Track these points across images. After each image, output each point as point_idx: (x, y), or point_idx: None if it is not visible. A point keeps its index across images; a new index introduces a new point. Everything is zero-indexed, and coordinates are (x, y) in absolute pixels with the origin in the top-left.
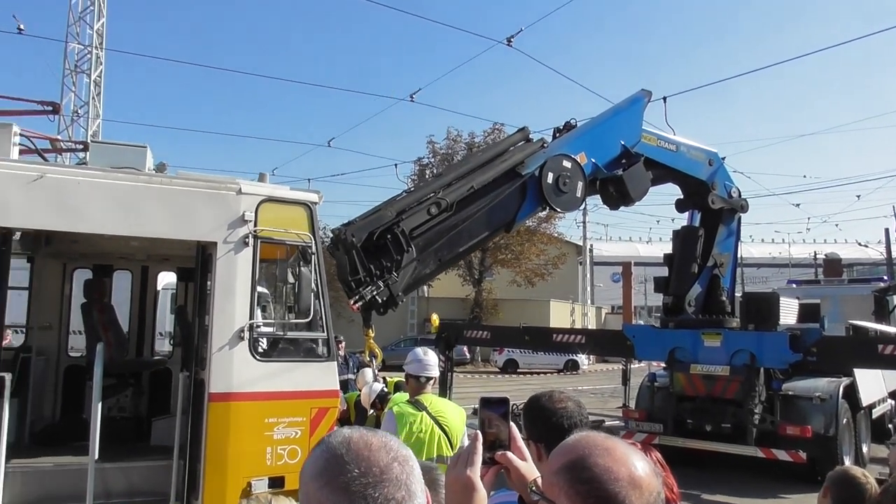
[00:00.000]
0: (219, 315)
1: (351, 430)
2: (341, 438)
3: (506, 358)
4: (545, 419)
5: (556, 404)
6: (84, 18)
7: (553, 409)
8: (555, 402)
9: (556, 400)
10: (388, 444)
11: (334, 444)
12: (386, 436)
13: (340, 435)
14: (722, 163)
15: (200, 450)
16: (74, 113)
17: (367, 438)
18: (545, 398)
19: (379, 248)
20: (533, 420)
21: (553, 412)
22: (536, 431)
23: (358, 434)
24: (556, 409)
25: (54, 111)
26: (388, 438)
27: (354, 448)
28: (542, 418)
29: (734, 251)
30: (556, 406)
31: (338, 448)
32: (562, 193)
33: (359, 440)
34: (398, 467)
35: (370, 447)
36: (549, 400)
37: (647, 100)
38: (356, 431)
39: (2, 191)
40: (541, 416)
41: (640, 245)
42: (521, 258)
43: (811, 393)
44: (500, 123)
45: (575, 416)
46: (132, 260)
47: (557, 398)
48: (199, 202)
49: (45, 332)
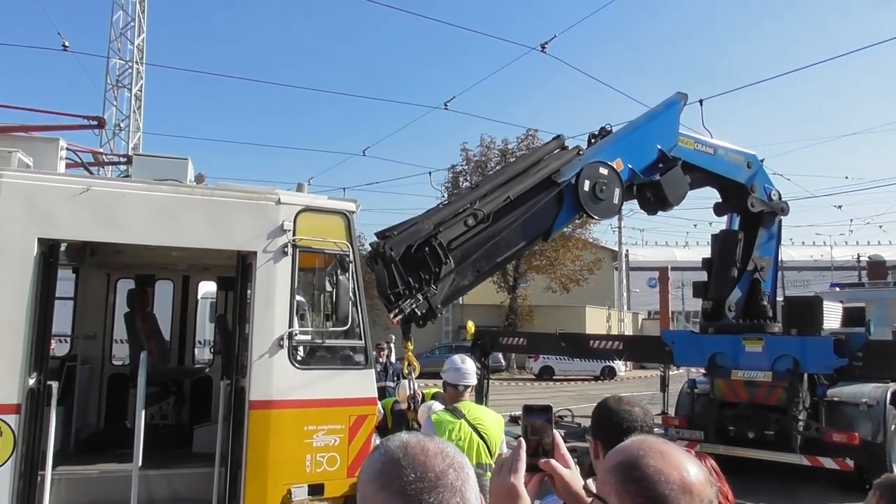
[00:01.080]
0: (259, 323)
1: (409, 434)
2: (399, 443)
3: (542, 365)
4: (608, 419)
5: (622, 406)
6: (125, 34)
7: (618, 410)
8: (622, 404)
9: (623, 402)
10: (444, 451)
11: (392, 448)
12: (443, 442)
13: (398, 439)
14: (761, 165)
15: (241, 457)
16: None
17: (424, 444)
18: (613, 399)
19: (417, 261)
20: (598, 418)
21: (617, 413)
22: (599, 429)
23: (416, 439)
24: (620, 411)
25: (100, 125)
26: (444, 445)
27: (411, 453)
28: (605, 417)
29: (775, 255)
30: (622, 408)
31: (395, 452)
32: (599, 201)
33: (416, 445)
34: (453, 473)
35: (427, 452)
36: (617, 402)
37: (683, 103)
38: (414, 436)
39: (50, 204)
40: (605, 416)
41: (677, 250)
42: (556, 264)
43: (857, 399)
44: (534, 130)
45: (638, 421)
46: (174, 270)
47: (625, 401)
48: (240, 212)
49: (89, 342)
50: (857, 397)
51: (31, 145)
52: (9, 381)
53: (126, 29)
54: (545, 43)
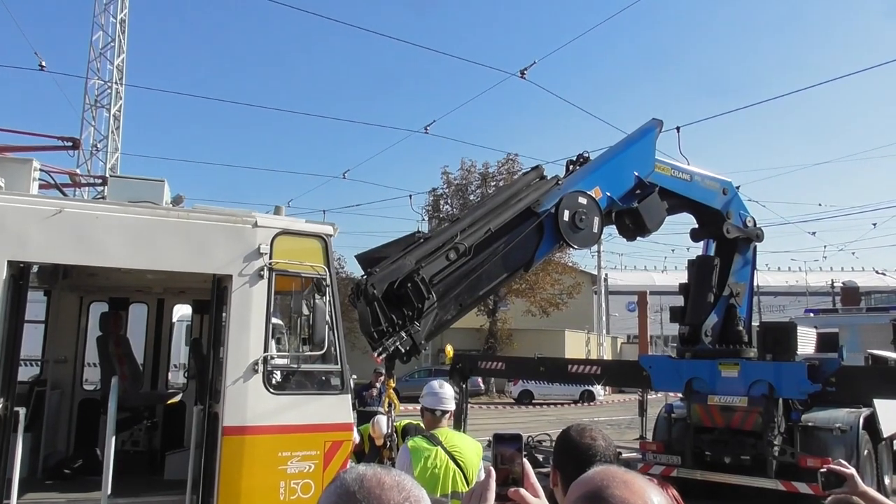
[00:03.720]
0: (233, 347)
1: (366, 467)
2: (355, 475)
3: (521, 389)
4: (569, 448)
5: (583, 437)
6: (104, 54)
7: (578, 442)
8: (584, 435)
9: (585, 433)
10: (400, 484)
11: (348, 480)
12: (400, 475)
13: (355, 472)
14: (736, 192)
15: (214, 484)
16: (94, 147)
17: (380, 477)
18: (575, 429)
19: (400, 298)
20: (559, 448)
21: (577, 445)
22: (559, 459)
23: (372, 472)
24: (581, 443)
25: (74, 146)
26: (401, 478)
27: (367, 486)
28: (566, 447)
29: (750, 280)
30: (583, 439)
31: (351, 485)
32: (578, 230)
33: (372, 478)
34: None
35: (382, 486)
36: (579, 432)
37: (658, 129)
38: (370, 469)
39: (21, 226)
40: (566, 445)
41: (656, 274)
42: (535, 288)
43: (831, 424)
44: (514, 154)
45: (599, 452)
46: (149, 293)
47: (588, 432)
48: (216, 235)
49: (60, 366)
50: (830, 422)
51: (3, 166)
52: None
53: (105, 49)
54: (525, 69)
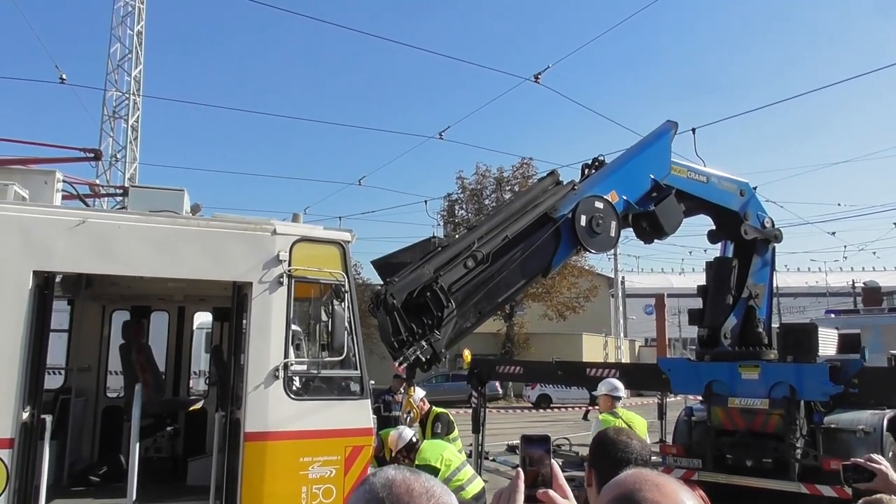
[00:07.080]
0: (254, 354)
1: (395, 471)
2: (384, 480)
3: (539, 393)
4: (605, 449)
5: (620, 435)
6: (122, 66)
7: (615, 441)
8: (621, 435)
9: (622, 434)
10: (430, 490)
11: (377, 486)
12: (429, 480)
13: (384, 476)
14: (753, 193)
15: (236, 490)
16: (113, 157)
17: (409, 483)
18: (613, 430)
19: (419, 307)
20: (595, 447)
21: (614, 444)
22: (595, 458)
23: (402, 477)
24: (618, 441)
25: (96, 157)
26: (430, 483)
27: (396, 492)
28: (602, 447)
29: (769, 281)
30: (620, 438)
31: (379, 491)
32: (595, 235)
33: (401, 484)
34: None
35: (411, 493)
36: (617, 433)
37: (673, 131)
38: (400, 474)
39: (46, 236)
40: (602, 445)
41: (673, 276)
42: (552, 292)
43: (854, 426)
44: (529, 158)
45: (634, 453)
46: (170, 301)
47: (625, 432)
48: (235, 243)
49: (84, 374)
50: (854, 424)
51: (28, 178)
52: (2, 414)
53: (123, 61)
54: (539, 73)
